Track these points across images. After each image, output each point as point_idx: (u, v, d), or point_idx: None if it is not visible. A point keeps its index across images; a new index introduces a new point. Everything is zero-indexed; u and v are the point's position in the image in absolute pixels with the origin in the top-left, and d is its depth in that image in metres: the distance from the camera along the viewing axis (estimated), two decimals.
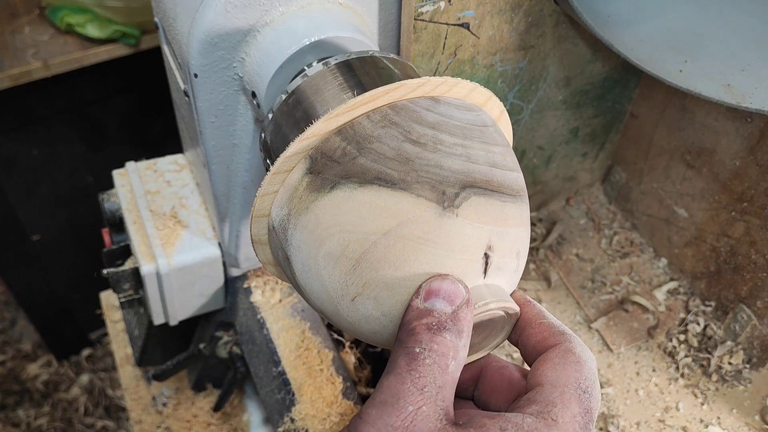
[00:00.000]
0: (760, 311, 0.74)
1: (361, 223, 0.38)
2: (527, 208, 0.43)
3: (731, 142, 0.72)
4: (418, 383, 0.33)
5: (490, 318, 0.41)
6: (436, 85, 0.41)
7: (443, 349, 0.35)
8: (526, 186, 0.45)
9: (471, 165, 0.39)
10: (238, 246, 0.73)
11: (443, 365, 0.34)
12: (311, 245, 0.39)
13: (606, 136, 0.85)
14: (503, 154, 0.42)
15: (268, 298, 0.76)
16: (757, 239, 0.72)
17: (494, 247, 0.39)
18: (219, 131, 0.62)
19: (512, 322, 0.42)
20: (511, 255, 0.41)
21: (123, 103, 1.59)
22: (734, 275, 0.76)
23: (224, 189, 0.68)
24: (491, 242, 0.39)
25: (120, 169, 0.82)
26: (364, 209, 0.38)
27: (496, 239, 0.39)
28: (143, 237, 0.74)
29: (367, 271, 0.38)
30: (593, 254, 0.88)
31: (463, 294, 0.37)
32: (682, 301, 0.83)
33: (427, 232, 0.37)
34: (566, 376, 0.36)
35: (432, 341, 0.35)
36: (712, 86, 0.61)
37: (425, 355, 0.34)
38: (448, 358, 0.35)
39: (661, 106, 0.79)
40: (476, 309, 0.38)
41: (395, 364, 0.35)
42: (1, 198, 1.57)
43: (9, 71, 1.35)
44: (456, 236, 0.38)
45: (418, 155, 0.38)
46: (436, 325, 0.35)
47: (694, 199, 0.79)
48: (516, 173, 0.43)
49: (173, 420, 0.91)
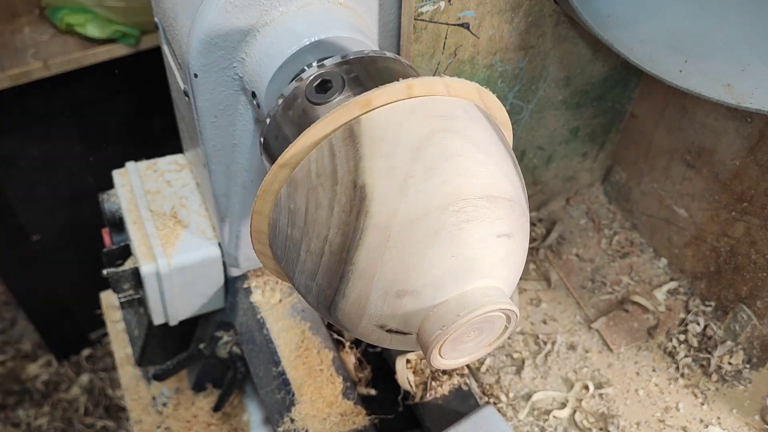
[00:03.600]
0: (760, 311, 0.74)
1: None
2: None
3: (731, 142, 0.72)
4: None
5: (487, 319, 0.41)
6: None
7: None
8: (525, 186, 0.45)
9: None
10: (238, 246, 0.73)
11: None
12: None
13: (606, 136, 0.85)
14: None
15: (268, 298, 0.76)
16: (757, 239, 0.72)
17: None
18: (219, 131, 0.62)
19: (513, 323, 0.42)
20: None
21: (123, 104, 1.59)
22: (734, 275, 0.76)
23: (224, 189, 0.68)
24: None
25: (120, 169, 0.82)
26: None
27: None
28: (143, 237, 0.74)
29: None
30: (593, 254, 0.88)
31: None
32: (682, 301, 0.83)
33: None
34: None
35: None
36: (712, 86, 0.61)
37: None
38: None
39: (661, 106, 0.79)
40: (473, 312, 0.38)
41: None
42: (1, 198, 1.57)
43: (9, 71, 1.35)
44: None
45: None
46: None
47: (694, 199, 0.79)
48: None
49: (173, 420, 0.91)
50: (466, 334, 0.43)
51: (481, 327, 0.43)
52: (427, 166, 0.40)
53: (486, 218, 0.41)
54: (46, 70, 1.38)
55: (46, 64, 1.38)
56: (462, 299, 0.41)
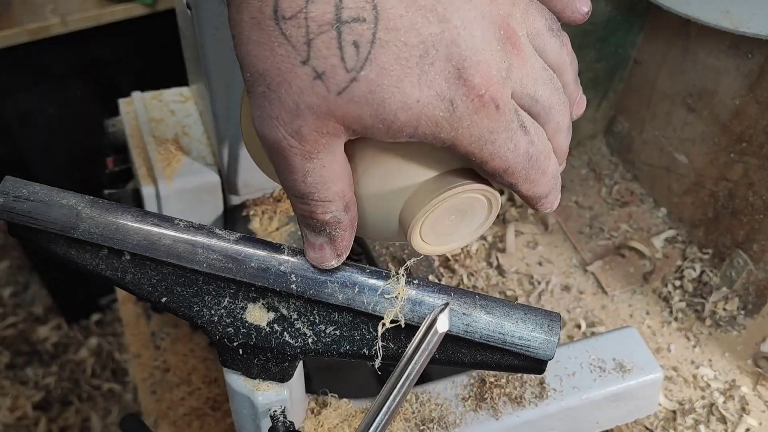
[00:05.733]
0: (756, 255, 0.74)
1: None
2: None
3: (732, 81, 0.72)
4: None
5: (467, 202, 0.41)
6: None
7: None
8: None
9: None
10: (237, 171, 0.74)
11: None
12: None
13: (609, 84, 0.85)
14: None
15: (266, 226, 0.77)
16: (755, 180, 0.72)
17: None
18: (220, 45, 0.63)
19: (495, 209, 0.42)
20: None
21: (138, 65, 1.61)
22: (732, 220, 0.76)
23: (224, 109, 0.69)
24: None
25: (126, 98, 0.83)
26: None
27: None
28: (145, 160, 0.76)
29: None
30: (592, 202, 0.88)
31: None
32: (679, 249, 0.83)
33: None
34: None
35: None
36: (711, 12, 0.61)
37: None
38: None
39: (664, 49, 0.79)
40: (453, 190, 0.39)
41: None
42: (18, 155, 1.60)
43: (27, 26, 1.38)
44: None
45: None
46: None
47: (695, 144, 0.79)
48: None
49: (170, 354, 0.92)
50: (447, 217, 0.43)
51: (463, 210, 0.44)
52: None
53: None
54: (63, 26, 1.41)
55: (64, 20, 1.40)
56: (440, 179, 0.42)
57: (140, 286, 0.42)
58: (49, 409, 1.84)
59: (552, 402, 0.55)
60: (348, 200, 0.36)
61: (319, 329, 0.42)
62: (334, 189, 0.35)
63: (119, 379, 1.94)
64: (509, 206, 0.87)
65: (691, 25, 0.72)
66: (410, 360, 0.37)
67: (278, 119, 0.32)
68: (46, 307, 2.10)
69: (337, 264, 0.39)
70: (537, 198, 0.39)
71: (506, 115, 0.33)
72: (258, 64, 0.32)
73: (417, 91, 0.31)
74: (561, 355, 0.57)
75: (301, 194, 0.35)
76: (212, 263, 0.40)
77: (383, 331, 0.41)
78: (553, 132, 0.37)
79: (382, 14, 0.30)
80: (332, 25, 0.30)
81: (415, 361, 0.37)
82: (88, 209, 0.40)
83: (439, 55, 0.31)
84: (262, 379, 0.44)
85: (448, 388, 0.56)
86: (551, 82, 0.36)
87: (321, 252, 0.39)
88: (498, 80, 0.32)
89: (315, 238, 0.38)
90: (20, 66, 1.45)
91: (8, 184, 0.41)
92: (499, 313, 0.41)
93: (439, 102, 0.31)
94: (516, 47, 0.33)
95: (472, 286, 0.78)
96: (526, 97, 0.34)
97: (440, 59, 0.31)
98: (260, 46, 0.31)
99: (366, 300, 0.40)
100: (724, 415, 0.67)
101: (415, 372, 0.37)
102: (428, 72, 0.31)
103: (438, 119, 0.32)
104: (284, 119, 0.32)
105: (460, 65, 0.31)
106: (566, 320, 0.76)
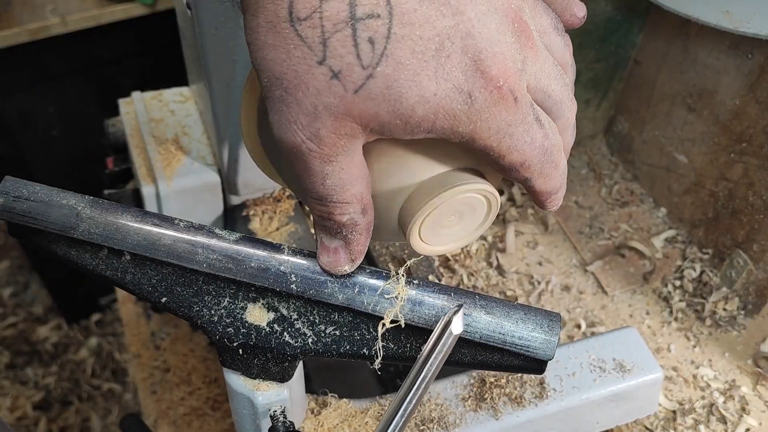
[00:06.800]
0: (756, 255, 0.74)
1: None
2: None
3: (732, 81, 0.72)
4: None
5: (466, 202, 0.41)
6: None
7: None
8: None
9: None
10: (237, 171, 0.74)
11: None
12: None
13: (609, 84, 0.85)
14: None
15: (266, 226, 0.77)
16: (755, 180, 0.72)
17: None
18: (220, 45, 0.63)
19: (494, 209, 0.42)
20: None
21: (138, 65, 1.61)
22: (732, 220, 0.76)
23: (224, 109, 0.69)
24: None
25: (126, 98, 0.83)
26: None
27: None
28: (145, 160, 0.76)
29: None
30: (592, 202, 0.88)
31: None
32: (679, 249, 0.83)
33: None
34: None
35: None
36: (711, 12, 0.61)
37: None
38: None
39: (664, 49, 0.79)
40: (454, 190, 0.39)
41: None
42: (17, 156, 1.60)
43: (27, 26, 1.38)
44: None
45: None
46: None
47: (695, 144, 0.79)
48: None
49: (170, 354, 0.92)
50: (446, 216, 0.43)
51: (462, 211, 0.44)
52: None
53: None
54: (63, 27, 1.41)
55: (64, 20, 1.40)
56: (440, 179, 0.42)
57: (140, 286, 0.42)
58: (49, 409, 1.84)
59: (552, 402, 0.55)
60: (365, 203, 0.36)
61: (319, 329, 0.42)
62: (352, 191, 0.35)
63: (119, 379, 1.94)
64: (509, 206, 0.87)
65: (691, 24, 0.73)
66: (426, 362, 0.37)
67: (296, 123, 0.32)
68: (46, 307, 2.10)
69: (350, 270, 0.39)
70: (548, 193, 0.39)
71: (523, 107, 0.33)
72: (275, 68, 0.31)
73: (434, 85, 0.31)
74: (561, 355, 0.57)
75: (319, 196, 0.35)
76: (212, 263, 0.40)
77: (383, 332, 0.41)
78: (563, 128, 0.37)
79: (396, 9, 0.30)
80: (347, 23, 0.30)
81: (431, 363, 0.37)
82: (88, 209, 0.40)
83: (455, 47, 0.31)
84: (262, 379, 0.44)
85: (448, 388, 0.56)
86: (561, 78, 0.36)
87: (335, 256, 0.38)
88: (515, 72, 0.32)
89: (330, 242, 0.38)
90: (20, 66, 1.45)
91: (8, 184, 0.41)
92: (499, 313, 0.41)
93: (457, 95, 0.31)
94: (529, 40, 0.33)
95: (472, 286, 0.78)
96: (540, 91, 0.34)
97: (456, 52, 0.31)
98: (276, 50, 0.31)
99: (366, 300, 0.40)
100: (724, 415, 0.67)
101: (431, 374, 0.37)
102: (445, 65, 0.31)
103: (456, 112, 0.32)
104: (302, 122, 0.32)
105: (476, 57, 0.31)
106: (566, 320, 0.76)
